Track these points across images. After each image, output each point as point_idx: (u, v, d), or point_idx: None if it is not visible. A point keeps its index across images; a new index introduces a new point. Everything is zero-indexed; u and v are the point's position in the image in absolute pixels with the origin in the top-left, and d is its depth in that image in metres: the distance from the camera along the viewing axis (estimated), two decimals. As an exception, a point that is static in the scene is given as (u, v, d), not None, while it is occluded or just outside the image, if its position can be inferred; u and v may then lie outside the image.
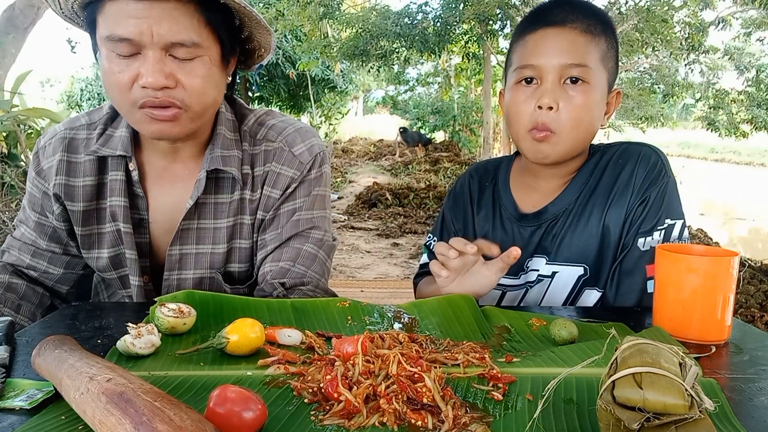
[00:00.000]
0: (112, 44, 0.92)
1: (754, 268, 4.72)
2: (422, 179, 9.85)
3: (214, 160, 1.08)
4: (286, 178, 1.13)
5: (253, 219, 1.14)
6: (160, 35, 0.91)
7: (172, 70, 0.93)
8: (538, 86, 1.07)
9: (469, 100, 17.41)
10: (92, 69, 14.76)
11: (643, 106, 11.30)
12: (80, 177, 1.10)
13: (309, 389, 0.64)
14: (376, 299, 3.55)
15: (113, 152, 1.08)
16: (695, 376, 0.53)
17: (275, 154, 1.13)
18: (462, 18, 9.11)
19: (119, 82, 0.93)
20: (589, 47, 1.06)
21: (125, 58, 0.93)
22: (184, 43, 0.93)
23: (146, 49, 0.92)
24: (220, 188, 1.11)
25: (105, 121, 1.12)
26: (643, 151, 1.11)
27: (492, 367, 0.70)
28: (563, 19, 1.06)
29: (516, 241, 1.18)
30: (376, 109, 30.29)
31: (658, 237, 1.07)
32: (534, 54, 1.07)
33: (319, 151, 1.16)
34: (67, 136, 1.11)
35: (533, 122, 1.06)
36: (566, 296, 1.14)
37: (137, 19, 0.90)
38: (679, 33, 9.10)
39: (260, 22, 1.01)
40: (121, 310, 0.93)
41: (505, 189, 1.23)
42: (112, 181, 1.10)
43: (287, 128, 1.16)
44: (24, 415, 0.58)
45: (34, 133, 5.30)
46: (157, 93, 0.93)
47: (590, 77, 1.05)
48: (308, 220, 1.14)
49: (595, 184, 1.13)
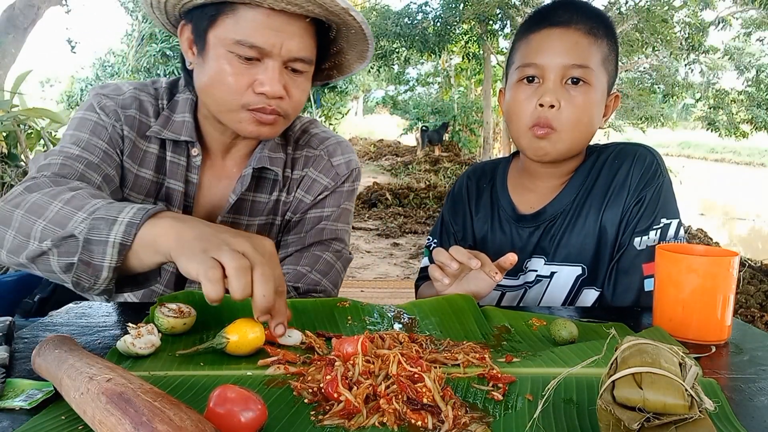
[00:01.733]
0: (240, 48, 0.94)
1: (754, 268, 4.72)
2: (422, 179, 9.86)
3: (263, 158, 1.11)
4: (320, 186, 1.17)
5: (281, 220, 1.18)
6: (288, 50, 0.95)
7: (286, 83, 0.98)
8: (540, 85, 1.07)
9: (469, 100, 17.42)
10: (92, 69, 14.75)
11: (643, 106, 11.31)
12: (145, 142, 1.09)
13: (309, 389, 0.64)
14: (376, 299, 3.55)
15: (178, 137, 1.08)
16: (695, 376, 0.53)
17: (314, 160, 1.18)
18: (462, 18, 9.12)
19: (235, 84, 0.96)
20: (591, 49, 1.06)
21: (245, 63, 0.95)
22: (303, 59, 0.99)
23: (270, 59, 0.96)
24: (260, 188, 1.15)
25: (166, 100, 1.12)
26: (639, 151, 1.12)
27: (492, 367, 0.70)
28: (567, 20, 1.06)
29: (514, 242, 1.18)
30: (376, 109, 30.30)
31: (654, 236, 1.07)
32: (537, 53, 1.07)
33: (355, 166, 1.21)
34: (139, 96, 1.10)
35: (534, 119, 1.07)
36: (565, 296, 1.15)
37: (274, 31, 0.94)
38: (679, 33, 9.11)
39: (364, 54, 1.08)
40: (121, 310, 0.94)
41: (503, 190, 1.23)
42: (172, 163, 1.10)
43: (330, 139, 1.21)
44: (24, 415, 0.58)
45: (34, 133, 5.30)
46: (270, 101, 0.97)
47: (591, 78, 1.06)
48: (332, 230, 1.17)
49: (592, 184, 1.13)
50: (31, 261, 0.83)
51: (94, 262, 0.76)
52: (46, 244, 0.79)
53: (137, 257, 0.77)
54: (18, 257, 0.83)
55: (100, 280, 0.78)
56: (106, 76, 14.43)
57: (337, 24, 1.01)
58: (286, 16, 0.94)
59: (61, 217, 0.80)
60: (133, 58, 14.17)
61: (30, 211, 0.83)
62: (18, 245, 0.83)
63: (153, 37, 13.09)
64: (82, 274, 0.77)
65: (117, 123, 1.06)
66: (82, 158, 1.00)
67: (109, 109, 1.06)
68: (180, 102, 1.10)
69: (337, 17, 0.97)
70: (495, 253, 1.19)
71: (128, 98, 1.08)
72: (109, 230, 0.76)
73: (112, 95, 1.08)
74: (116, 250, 0.75)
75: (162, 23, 1.07)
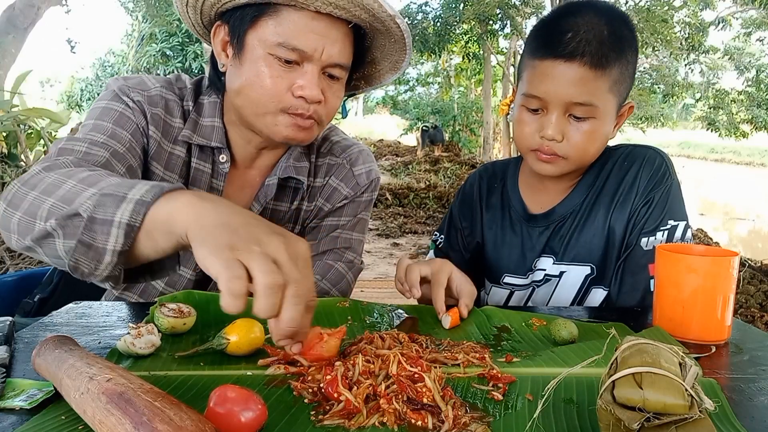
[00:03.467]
0: (281, 50, 0.93)
1: (754, 268, 4.72)
2: (422, 179, 9.86)
3: (288, 168, 1.10)
4: (341, 195, 1.16)
5: (300, 228, 1.17)
6: (329, 55, 0.94)
7: (324, 88, 0.97)
8: (543, 116, 1.05)
9: (469, 100, 17.43)
10: (92, 69, 14.75)
11: (643, 106, 11.32)
12: (170, 144, 1.05)
13: (309, 389, 0.64)
14: (376, 299, 3.54)
15: (208, 142, 1.05)
16: (695, 376, 0.53)
17: (336, 169, 1.17)
18: (462, 18, 9.12)
19: (275, 87, 0.94)
20: (597, 83, 1.01)
21: (284, 66, 0.94)
22: (341, 65, 0.98)
23: (310, 63, 0.94)
24: (281, 196, 1.14)
25: (192, 102, 1.08)
26: (648, 153, 1.12)
27: (492, 367, 0.70)
28: (573, 51, 1.00)
29: (524, 241, 1.19)
30: (376, 109, 30.31)
31: (661, 237, 1.08)
32: (540, 84, 1.03)
33: (375, 177, 1.20)
34: (165, 95, 1.05)
35: (538, 146, 1.06)
36: (574, 295, 1.15)
37: (317, 35, 0.93)
38: (679, 33, 9.11)
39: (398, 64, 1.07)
40: (121, 310, 0.94)
41: (514, 190, 1.23)
42: (197, 170, 1.07)
43: (352, 147, 1.20)
44: (24, 415, 0.58)
45: (34, 133, 5.31)
46: (309, 106, 0.96)
47: (596, 112, 1.03)
48: (347, 239, 1.16)
49: (602, 185, 1.14)
50: (37, 243, 0.73)
51: (97, 243, 0.66)
52: (50, 224, 0.70)
53: (150, 239, 0.66)
54: (24, 239, 0.75)
55: (102, 266, 0.67)
56: (106, 76, 14.44)
57: (378, 31, 0.99)
58: (329, 20, 0.93)
59: (72, 195, 0.71)
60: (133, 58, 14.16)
61: (44, 191, 0.75)
62: (25, 226, 0.74)
63: (153, 37, 13.09)
64: (80, 257, 0.67)
65: (143, 119, 1.02)
66: (107, 146, 0.94)
67: (136, 103, 1.01)
68: (207, 105, 1.07)
69: (382, 24, 0.96)
70: (506, 252, 1.21)
71: (155, 96, 1.04)
72: (116, 208, 0.65)
73: (137, 89, 1.03)
74: (122, 231, 0.65)
75: (193, 24, 1.04)
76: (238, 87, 0.98)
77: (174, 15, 12.55)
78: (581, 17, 1.02)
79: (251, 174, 1.13)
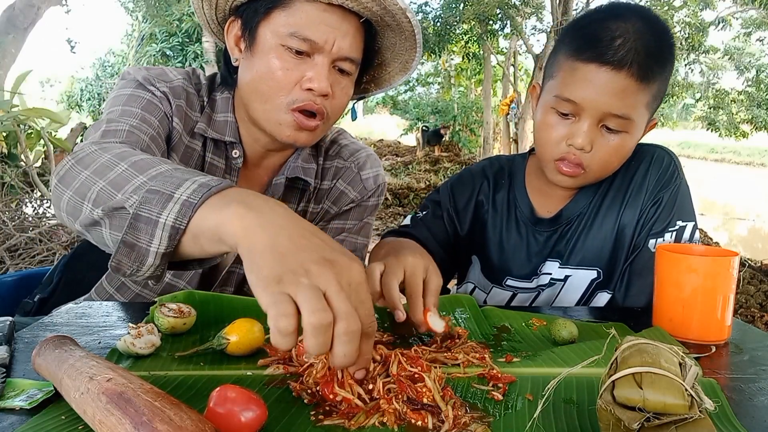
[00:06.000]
0: (292, 40, 0.93)
1: (754, 268, 4.72)
2: (422, 179, 9.86)
3: (296, 169, 1.10)
4: (348, 198, 1.17)
5: None
6: (339, 47, 0.94)
7: (333, 82, 0.96)
8: (574, 122, 1.00)
9: (469, 100, 17.43)
10: (92, 69, 14.76)
11: (643, 106, 11.27)
12: (188, 137, 1.05)
13: (307, 390, 0.64)
14: (376, 299, 3.53)
15: (222, 137, 1.05)
16: (695, 376, 0.53)
17: (344, 172, 1.17)
18: (462, 18, 9.12)
19: (284, 79, 0.94)
20: (638, 96, 0.97)
21: (295, 57, 0.94)
22: (352, 59, 0.97)
23: (320, 55, 0.94)
24: (288, 197, 1.13)
25: (206, 96, 1.08)
26: (657, 153, 1.10)
27: (492, 367, 0.70)
28: (622, 59, 0.93)
29: (530, 244, 1.17)
30: (376, 109, 30.29)
31: (669, 238, 1.06)
32: (579, 90, 0.97)
33: (382, 182, 1.20)
34: (186, 88, 1.05)
35: (562, 153, 1.02)
36: (578, 299, 1.13)
37: (328, 27, 0.93)
38: (679, 33, 9.10)
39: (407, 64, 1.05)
40: (121, 310, 0.94)
41: (522, 192, 1.20)
42: (211, 165, 1.07)
43: (360, 151, 1.20)
44: (24, 415, 0.58)
45: (34, 133, 5.30)
46: (317, 99, 0.95)
47: (631, 127, 0.99)
48: (352, 243, 1.17)
49: (609, 186, 1.12)
50: (86, 229, 0.71)
51: (140, 244, 0.63)
52: (97, 213, 0.68)
53: (196, 242, 0.63)
54: (75, 223, 0.73)
55: (145, 267, 0.64)
56: (106, 76, 14.44)
57: (389, 27, 0.99)
58: (341, 12, 0.93)
59: (122, 180, 0.68)
60: (133, 58, 14.16)
61: (96, 171, 0.72)
62: (74, 207, 0.72)
63: (153, 37, 13.09)
64: (123, 258, 0.64)
65: (170, 108, 1.01)
66: (143, 130, 0.93)
67: (161, 93, 1.01)
68: (220, 101, 1.08)
69: (393, 18, 0.96)
70: (510, 254, 1.18)
71: (177, 87, 1.04)
72: (162, 208, 0.62)
73: (161, 78, 1.02)
74: (167, 233, 0.62)
75: (206, 20, 1.04)
76: (249, 80, 0.98)
77: (174, 15, 12.56)
78: (630, 23, 0.96)
79: (259, 173, 1.13)
